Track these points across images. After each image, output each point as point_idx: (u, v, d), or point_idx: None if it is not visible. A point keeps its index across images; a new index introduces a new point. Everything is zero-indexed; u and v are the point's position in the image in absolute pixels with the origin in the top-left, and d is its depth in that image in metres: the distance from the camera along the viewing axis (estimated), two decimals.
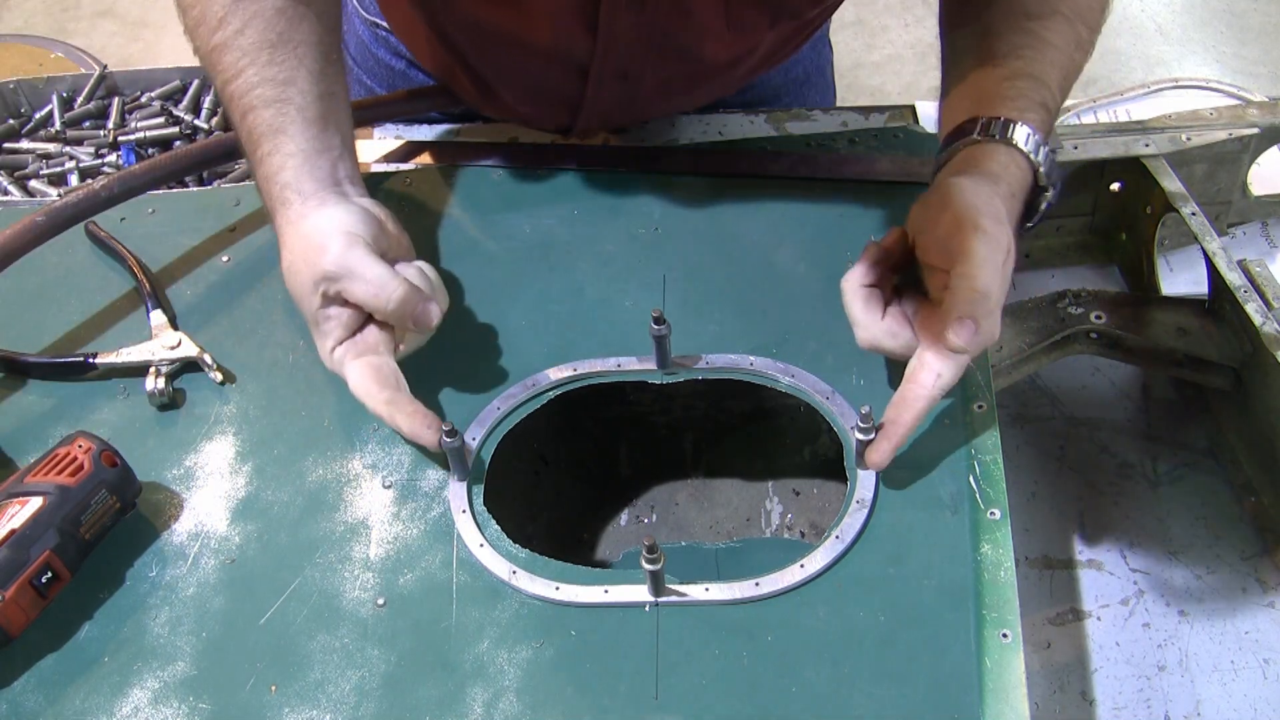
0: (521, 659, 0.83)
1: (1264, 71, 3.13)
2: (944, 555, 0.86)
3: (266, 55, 0.94)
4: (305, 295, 0.93)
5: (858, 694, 0.80)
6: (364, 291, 0.91)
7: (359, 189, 0.98)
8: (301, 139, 0.94)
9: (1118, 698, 0.95)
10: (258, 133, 0.95)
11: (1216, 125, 1.19)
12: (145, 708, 0.83)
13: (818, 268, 1.06)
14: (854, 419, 0.89)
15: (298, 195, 0.94)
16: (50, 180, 1.78)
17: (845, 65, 3.25)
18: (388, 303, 0.91)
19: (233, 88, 0.95)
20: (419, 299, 0.92)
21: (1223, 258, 1.05)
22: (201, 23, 0.96)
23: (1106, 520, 1.06)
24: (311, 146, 0.95)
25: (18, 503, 0.86)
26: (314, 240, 0.92)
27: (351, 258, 0.91)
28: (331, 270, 0.91)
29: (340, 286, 0.91)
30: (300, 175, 0.94)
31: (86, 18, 3.62)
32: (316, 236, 0.92)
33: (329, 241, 0.91)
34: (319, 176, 0.95)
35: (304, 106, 0.95)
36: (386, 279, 0.91)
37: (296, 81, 0.95)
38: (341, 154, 0.97)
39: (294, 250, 0.93)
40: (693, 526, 1.14)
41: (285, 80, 0.94)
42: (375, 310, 0.92)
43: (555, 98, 1.15)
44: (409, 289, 0.91)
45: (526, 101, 1.18)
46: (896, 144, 1.17)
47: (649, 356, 0.98)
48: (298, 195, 0.94)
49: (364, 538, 0.91)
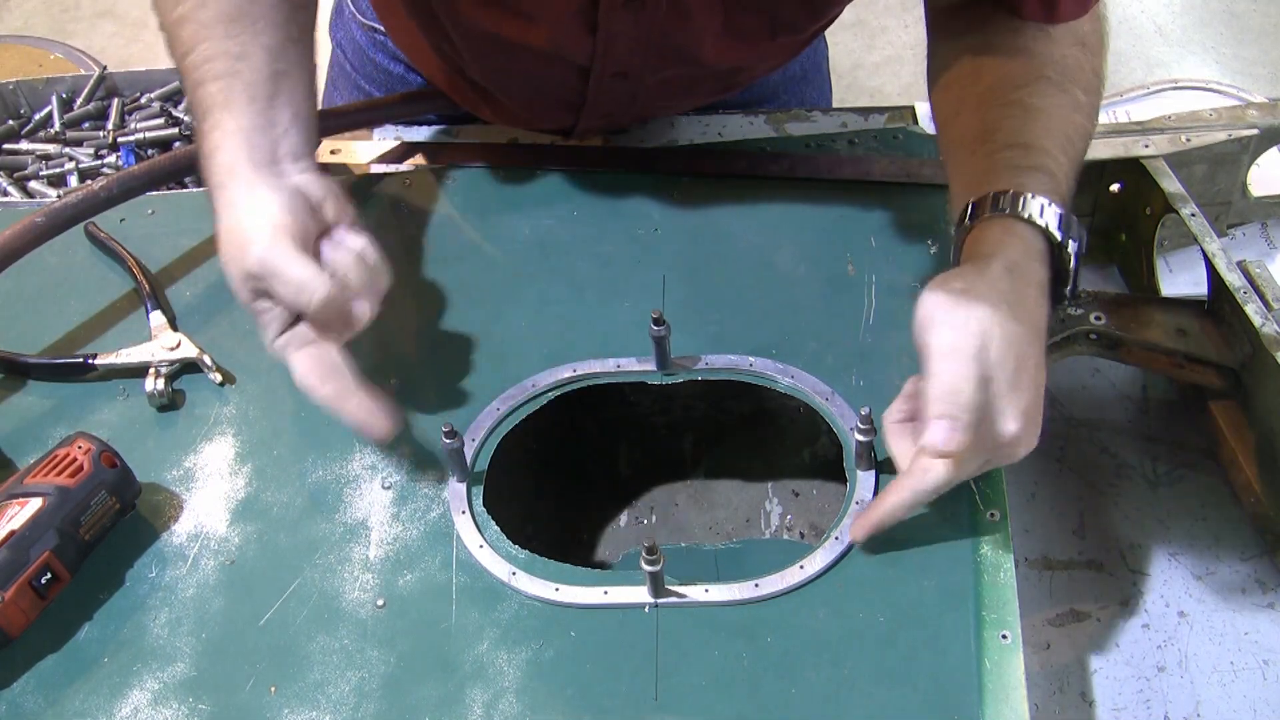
0: (521, 660, 0.83)
1: (1263, 72, 3.13)
2: (944, 556, 0.86)
3: (223, 29, 0.92)
4: (237, 288, 0.90)
5: (857, 695, 0.80)
6: (285, 293, 0.87)
7: (303, 163, 0.94)
8: (244, 116, 0.91)
9: (1117, 699, 0.95)
10: (203, 107, 0.92)
11: (1216, 126, 1.19)
12: (145, 709, 0.83)
13: (817, 269, 1.06)
14: (854, 420, 0.89)
15: (230, 177, 0.90)
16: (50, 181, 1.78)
17: (844, 66, 3.25)
18: (308, 305, 0.87)
19: (188, 61, 0.93)
20: (344, 298, 0.89)
21: (1222, 259, 1.05)
22: None
23: (1106, 521, 1.06)
24: (253, 124, 0.91)
25: (17, 504, 0.86)
26: (240, 232, 0.88)
27: (273, 255, 0.87)
28: (254, 269, 0.87)
29: (264, 285, 0.88)
30: (237, 155, 0.90)
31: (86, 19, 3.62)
32: (242, 229, 0.88)
33: (254, 235, 0.87)
34: (256, 158, 0.91)
35: (253, 83, 0.92)
36: (307, 280, 0.87)
37: (249, 56, 0.92)
38: (287, 130, 0.93)
39: (225, 239, 0.90)
40: (692, 527, 1.14)
41: (238, 55, 0.92)
42: (298, 311, 0.89)
43: (555, 100, 1.15)
44: (330, 291, 0.87)
45: (526, 105, 1.18)
46: (896, 145, 1.17)
47: (648, 357, 0.98)
48: (230, 177, 0.90)
49: (364, 539, 0.91)
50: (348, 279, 0.89)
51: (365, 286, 0.91)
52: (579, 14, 1.03)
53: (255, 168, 0.90)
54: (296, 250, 0.88)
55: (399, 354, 1.02)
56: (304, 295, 0.87)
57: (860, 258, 1.06)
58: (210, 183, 0.92)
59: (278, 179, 0.91)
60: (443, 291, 1.06)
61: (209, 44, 0.92)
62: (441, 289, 1.06)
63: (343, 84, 1.38)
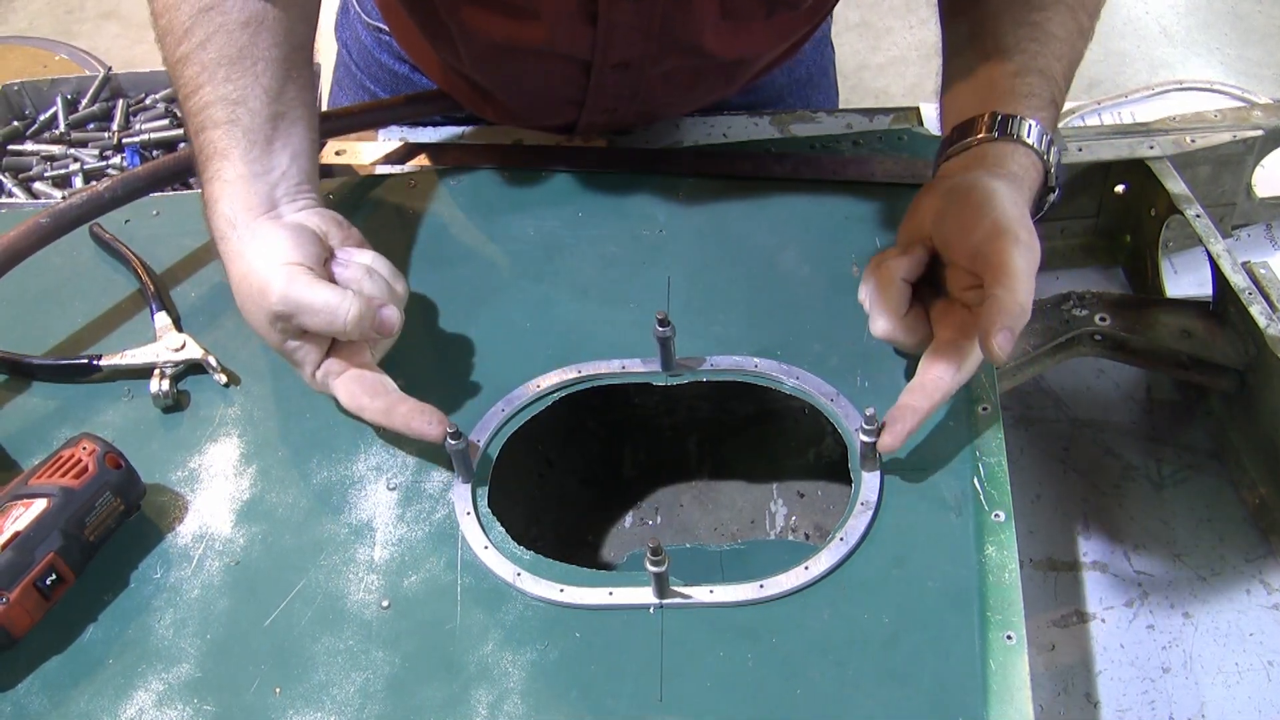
0: (526, 661, 0.83)
1: (1268, 74, 3.13)
2: (948, 557, 0.86)
3: (224, 72, 0.94)
4: (266, 333, 0.92)
5: (862, 696, 0.80)
6: (317, 322, 0.89)
7: (303, 200, 0.96)
8: (242, 164, 0.93)
9: (1122, 700, 0.95)
10: (204, 155, 0.95)
11: (1221, 127, 1.19)
12: (150, 710, 0.83)
13: (822, 269, 1.06)
14: (858, 421, 0.89)
15: (232, 227, 0.92)
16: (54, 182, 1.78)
17: (850, 67, 3.25)
18: (345, 326, 0.89)
19: (189, 105, 0.95)
20: (373, 309, 0.91)
21: (1227, 260, 1.05)
22: (169, 32, 0.95)
23: (1111, 522, 1.06)
24: (251, 171, 0.93)
25: (22, 505, 0.87)
26: (255, 280, 0.90)
27: (294, 291, 0.89)
28: (280, 310, 0.89)
29: (293, 323, 0.90)
30: (235, 204, 0.93)
31: (91, 19, 3.62)
32: (256, 276, 0.90)
33: (269, 279, 0.89)
34: (252, 204, 0.93)
35: (251, 129, 0.94)
36: (336, 304, 0.89)
37: (248, 101, 0.94)
38: (286, 172, 0.95)
39: (240, 289, 0.92)
40: (697, 528, 1.14)
41: (237, 100, 0.93)
42: (334, 335, 0.92)
43: (557, 95, 1.15)
44: (361, 306, 0.90)
45: (528, 101, 1.18)
46: (901, 146, 1.17)
47: (653, 359, 0.98)
48: (232, 227, 0.92)
49: (369, 540, 0.91)
50: (367, 292, 0.92)
51: (386, 295, 0.93)
52: (579, 6, 1.03)
53: (254, 215, 0.93)
54: (315, 280, 0.90)
55: (403, 355, 1.02)
56: (337, 318, 0.89)
57: (865, 259, 1.05)
58: (214, 234, 0.94)
59: (276, 221, 0.93)
60: (447, 292, 1.06)
61: (209, 88, 0.94)
62: (446, 290, 1.06)
63: (348, 84, 1.38)
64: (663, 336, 0.95)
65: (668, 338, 0.95)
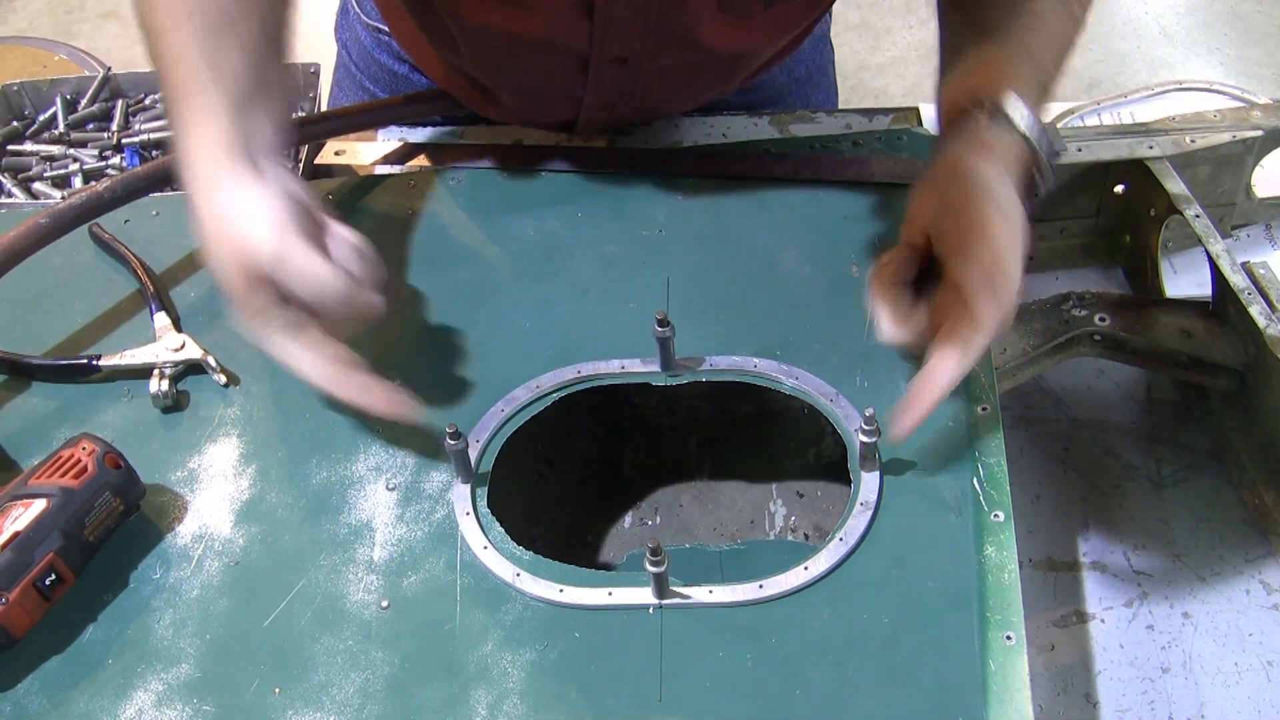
0: (525, 661, 0.83)
1: (1268, 74, 3.13)
2: (948, 557, 0.86)
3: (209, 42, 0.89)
4: (237, 288, 0.87)
5: (862, 696, 0.80)
6: (303, 288, 0.86)
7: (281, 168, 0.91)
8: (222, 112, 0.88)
9: (1121, 700, 0.95)
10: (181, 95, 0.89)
11: (1220, 127, 1.19)
12: (149, 710, 0.83)
13: (821, 270, 1.06)
14: (858, 421, 0.89)
15: (211, 161, 0.87)
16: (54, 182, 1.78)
17: (849, 68, 3.25)
18: (330, 300, 0.86)
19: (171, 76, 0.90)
20: (359, 290, 0.88)
21: (1227, 260, 1.05)
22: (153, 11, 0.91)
23: (1110, 522, 1.06)
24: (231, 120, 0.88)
25: (21, 505, 0.87)
26: (236, 227, 0.86)
27: (287, 248, 0.85)
28: (268, 263, 0.85)
29: (277, 282, 0.86)
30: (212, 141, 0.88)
31: (90, 20, 3.62)
32: (238, 225, 0.85)
33: (256, 232, 0.85)
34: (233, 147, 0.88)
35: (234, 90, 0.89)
36: (326, 274, 0.86)
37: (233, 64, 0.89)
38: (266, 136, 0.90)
39: (214, 234, 0.87)
40: (696, 529, 1.14)
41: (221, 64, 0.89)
42: (315, 306, 0.87)
43: (556, 92, 1.15)
44: (347, 285, 0.87)
45: (527, 98, 1.18)
46: (900, 146, 1.17)
47: (653, 359, 0.98)
48: (211, 161, 0.87)
49: (368, 540, 0.91)
50: (357, 272, 0.89)
51: (370, 278, 0.90)
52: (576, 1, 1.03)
53: (234, 160, 0.88)
54: (310, 248, 0.87)
55: (402, 354, 1.02)
56: (326, 290, 0.86)
57: (865, 259, 1.06)
58: (183, 164, 0.89)
59: (260, 176, 0.88)
60: (446, 292, 1.06)
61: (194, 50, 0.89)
62: (445, 290, 1.06)
63: (348, 85, 1.38)
64: (662, 336, 0.95)
65: (667, 338, 0.95)
